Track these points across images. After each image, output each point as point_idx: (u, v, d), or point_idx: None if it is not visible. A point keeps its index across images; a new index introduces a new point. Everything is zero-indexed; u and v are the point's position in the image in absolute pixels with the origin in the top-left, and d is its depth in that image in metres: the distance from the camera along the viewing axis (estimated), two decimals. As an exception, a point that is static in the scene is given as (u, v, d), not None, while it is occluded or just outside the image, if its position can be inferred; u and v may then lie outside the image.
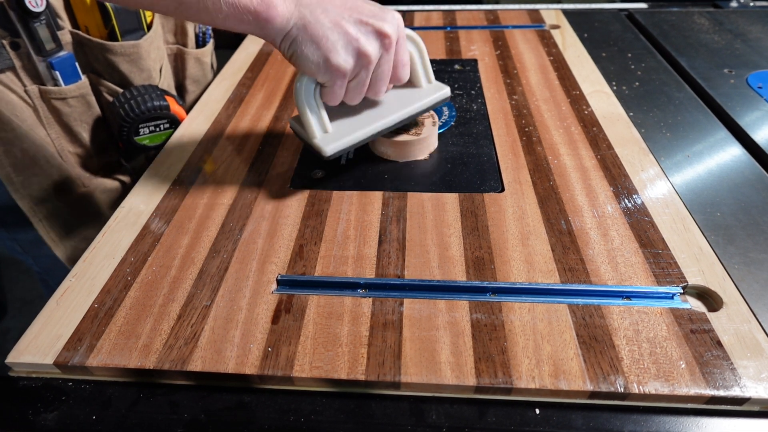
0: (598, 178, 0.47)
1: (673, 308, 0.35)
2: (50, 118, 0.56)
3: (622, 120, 0.55)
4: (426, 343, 0.33)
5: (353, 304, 0.36)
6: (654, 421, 0.31)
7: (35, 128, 0.55)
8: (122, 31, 0.56)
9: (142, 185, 0.49)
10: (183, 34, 0.67)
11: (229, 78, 0.68)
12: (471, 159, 0.51)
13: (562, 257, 0.39)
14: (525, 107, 0.59)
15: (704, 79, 0.63)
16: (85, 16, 0.54)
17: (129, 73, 0.58)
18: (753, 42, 0.72)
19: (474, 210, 0.44)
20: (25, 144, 0.53)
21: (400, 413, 0.32)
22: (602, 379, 0.31)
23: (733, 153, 0.51)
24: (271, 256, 0.40)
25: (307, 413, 0.32)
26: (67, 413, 0.32)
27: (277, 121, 0.59)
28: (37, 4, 0.48)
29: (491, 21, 0.83)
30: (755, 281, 0.37)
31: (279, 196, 0.47)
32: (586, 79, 0.64)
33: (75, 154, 0.59)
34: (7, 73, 0.51)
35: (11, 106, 0.52)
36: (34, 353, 0.34)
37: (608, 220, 0.42)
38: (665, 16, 0.83)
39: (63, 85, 0.54)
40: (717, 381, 0.31)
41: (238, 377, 0.33)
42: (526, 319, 0.35)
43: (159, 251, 0.41)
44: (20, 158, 0.54)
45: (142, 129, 0.58)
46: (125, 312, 0.36)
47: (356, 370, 0.32)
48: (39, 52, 0.51)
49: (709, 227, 0.42)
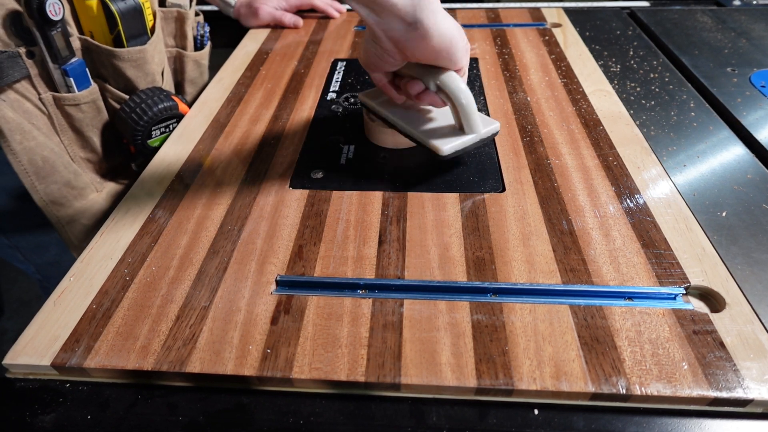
0: (599, 177, 0.47)
1: (675, 309, 0.35)
2: (64, 125, 0.56)
3: (624, 119, 0.55)
4: (426, 344, 0.33)
5: (353, 305, 0.36)
6: (656, 423, 0.30)
7: (50, 136, 0.55)
8: (128, 36, 0.56)
9: (140, 185, 0.49)
10: (182, 37, 0.67)
11: (228, 77, 0.68)
12: (471, 159, 0.50)
13: (564, 258, 0.39)
14: (526, 106, 0.58)
15: (707, 77, 0.63)
16: (90, 22, 0.55)
17: (134, 77, 0.58)
18: (756, 40, 0.72)
19: (475, 210, 0.44)
20: (45, 152, 0.54)
21: (400, 415, 0.31)
22: (604, 381, 0.31)
23: (736, 152, 0.51)
24: (270, 257, 0.40)
25: (306, 415, 0.31)
26: (65, 415, 0.32)
27: (276, 120, 0.58)
28: (56, 12, 0.48)
29: (492, 19, 0.83)
30: (758, 282, 0.37)
31: (278, 196, 0.46)
32: (588, 77, 0.64)
33: (86, 160, 0.60)
34: (23, 82, 0.52)
35: (28, 115, 0.53)
36: (31, 354, 0.34)
37: (610, 220, 0.42)
38: (667, 14, 0.82)
39: (76, 92, 0.54)
40: (720, 382, 0.30)
41: (236, 379, 0.32)
42: (527, 320, 0.34)
43: (157, 252, 0.41)
44: (41, 166, 0.54)
45: (154, 131, 0.59)
46: (123, 313, 0.36)
47: (356, 372, 0.32)
48: (55, 60, 0.52)
49: (712, 227, 0.41)
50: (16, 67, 0.50)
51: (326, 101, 0.62)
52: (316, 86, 0.65)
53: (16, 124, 0.51)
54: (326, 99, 0.62)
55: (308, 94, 0.63)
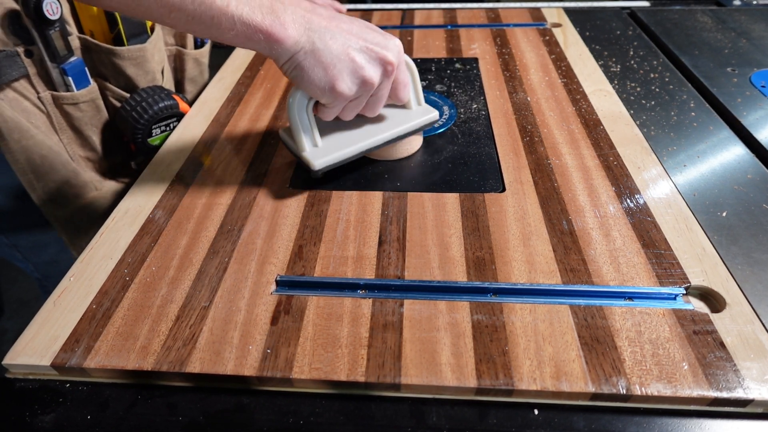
0: (600, 177, 0.47)
1: (675, 309, 0.35)
2: (62, 124, 0.56)
3: (624, 119, 0.55)
4: (426, 344, 0.33)
5: (353, 305, 0.36)
6: (656, 423, 0.30)
7: (49, 134, 0.55)
8: (128, 35, 0.57)
9: (140, 185, 0.49)
10: (182, 36, 0.67)
11: (228, 77, 0.68)
12: (472, 159, 0.50)
13: (564, 258, 0.39)
14: (526, 106, 0.58)
15: (707, 77, 0.63)
16: (90, 21, 0.55)
17: (135, 76, 0.58)
18: (756, 40, 0.72)
19: (475, 210, 0.44)
20: (44, 150, 0.54)
21: (400, 415, 0.31)
22: (604, 381, 0.31)
23: (736, 152, 0.51)
24: (270, 257, 0.40)
25: (306, 415, 0.31)
26: (65, 415, 0.32)
27: (276, 120, 0.58)
28: (54, 11, 0.49)
29: (492, 19, 0.83)
30: (758, 282, 0.37)
31: (278, 196, 0.46)
32: (588, 77, 0.63)
33: (85, 158, 0.60)
34: (21, 81, 0.52)
35: (26, 114, 0.53)
36: (31, 355, 0.34)
37: (610, 221, 0.42)
38: (668, 14, 0.82)
39: (75, 91, 0.54)
40: (720, 382, 0.30)
41: (236, 379, 0.32)
42: (527, 320, 0.34)
43: (157, 252, 0.41)
44: (40, 164, 0.54)
45: (155, 130, 0.59)
46: (123, 313, 0.36)
47: (356, 372, 0.32)
48: (53, 59, 0.52)
49: (712, 227, 0.41)
50: (14, 66, 0.50)
51: (326, 101, 0.62)
52: (316, 86, 0.65)
53: (14, 123, 0.51)
54: (326, 99, 0.62)
55: (308, 94, 0.63)
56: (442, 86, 0.64)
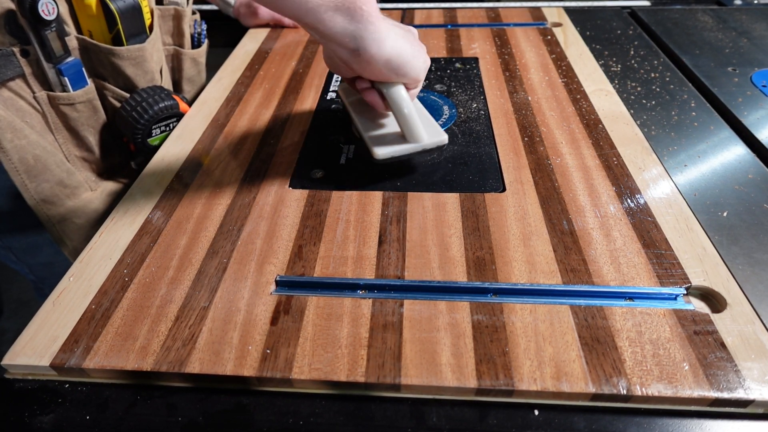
0: (600, 177, 0.47)
1: (676, 309, 0.35)
2: (58, 124, 0.56)
3: (625, 119, 0.55)
4: (426, 344, 0.33)
5: (353, 306, 0.36)
6: (657, 424, 0.30)
7: (44, 134, 0.55)
8: (127, 35, 0.56)
9: (139, 185, 0.49)
10: (180, 35, 0.67)
11: (227, 77, 0.68)
12: (472, 158, 0.50)
13: (564, 258, 0.39)
14: (526, 106, 0.58)
15: (708, 77, 0.63)
16: (89, 21, 0.55)
17: (134, 76, 0.58)
18: (757, 40, 0.72)
19: (475, 210, 0.43)
20: (37, 150, 0.54)
21: (400, 415, 0.31)
22: (604, 381, 0.31)
23: (737, 152, 0.50)
24: (269, 257, 0.40)
25: (306, 415, 0.31)
26: (64, 416, 0.32)
27: (276, 120, 0.58)
28: (49, 12, 0.48)
29: (492, 19, 0.83)
30: (759, 282, 0.37)
31: (278, 196, 0.46)
32: (589, 77, 0.63)
33: (81, 159, 0.60)
34: (17, 80, 0.52)
35: (21, 113, 0.53)
36: (30, 355, 0.34)
37: (611, 221, 0.42)
38: (668, 14, 0.82)
39: (71, 91, 0.54)
40: (721, 383, 0.30)
41: (236, 379, 0.32)
42: (527, 320, 0.34)
43: (156, 252, 0.41)
44: (33, 165, 0.54)
45: (155, 130, 0.59)
46: (122, 313, 0.36)
47: (356, 372, 0.32)
48: (49, 59, 0.51)
49: (713, 227, 0.41)
50: (9, 66, 0.50)
51: (326, 101, 0.62)
52: (315, 86, 0.65)
53: (7, 122, 0.50)
54: (326, 99, 0.62)
55: (308, 94, 0.63)
56: (442, 86, 0.64)
